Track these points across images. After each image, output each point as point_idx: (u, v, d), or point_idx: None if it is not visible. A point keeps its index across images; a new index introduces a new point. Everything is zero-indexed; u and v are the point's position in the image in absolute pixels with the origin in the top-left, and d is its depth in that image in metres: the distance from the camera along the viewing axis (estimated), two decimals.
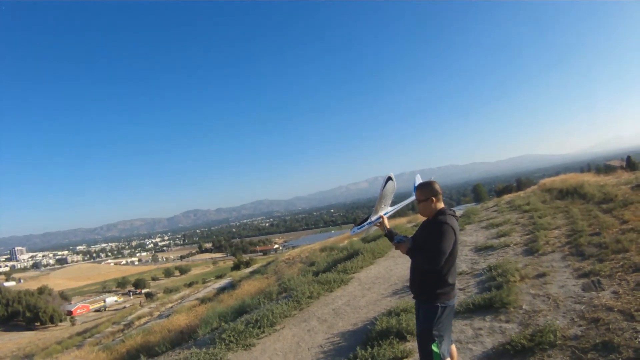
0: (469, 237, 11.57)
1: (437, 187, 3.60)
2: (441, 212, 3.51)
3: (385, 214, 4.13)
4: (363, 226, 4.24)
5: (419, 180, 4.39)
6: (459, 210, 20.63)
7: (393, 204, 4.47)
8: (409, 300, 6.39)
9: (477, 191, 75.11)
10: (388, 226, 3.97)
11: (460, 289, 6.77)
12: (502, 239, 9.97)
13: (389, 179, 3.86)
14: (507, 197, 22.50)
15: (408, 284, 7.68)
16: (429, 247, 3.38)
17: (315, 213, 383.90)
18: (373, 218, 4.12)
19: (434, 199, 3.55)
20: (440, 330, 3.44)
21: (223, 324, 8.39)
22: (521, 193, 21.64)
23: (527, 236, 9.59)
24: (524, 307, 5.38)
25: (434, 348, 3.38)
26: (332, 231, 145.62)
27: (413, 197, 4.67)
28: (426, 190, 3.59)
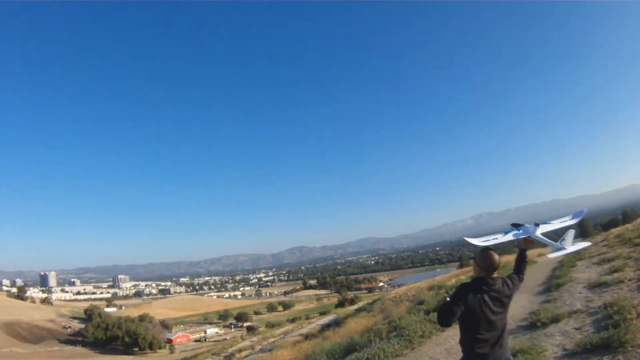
0: (581, 274, 11.30)
1: (486, 260, 3.61)
2: (474, 281, 3.65)
3: (530, 235, 4.18)
4: (508, 232, 4.35)
5: (570, 236, 4.36)
6: None
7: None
8: (523, 340, 6.54)
9: (583, 226, 70.57)
10: (525, 247, 4.08)
11: (577, 329, 6.78)
12: (615, 275, 9.66)
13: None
14: (614, 230, 21.31)
15: (520, 322, 7.76)
16: None
17: (420, 251, 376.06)
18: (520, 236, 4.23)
19: (475, 266, 3.70)
20: None
21: None
22: (629, 226, 20.43)
23: None
24: None
25: None
26: (438, 269, 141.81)
27: (574, 221, 4.72)
28: (479, 256, 3.68)
